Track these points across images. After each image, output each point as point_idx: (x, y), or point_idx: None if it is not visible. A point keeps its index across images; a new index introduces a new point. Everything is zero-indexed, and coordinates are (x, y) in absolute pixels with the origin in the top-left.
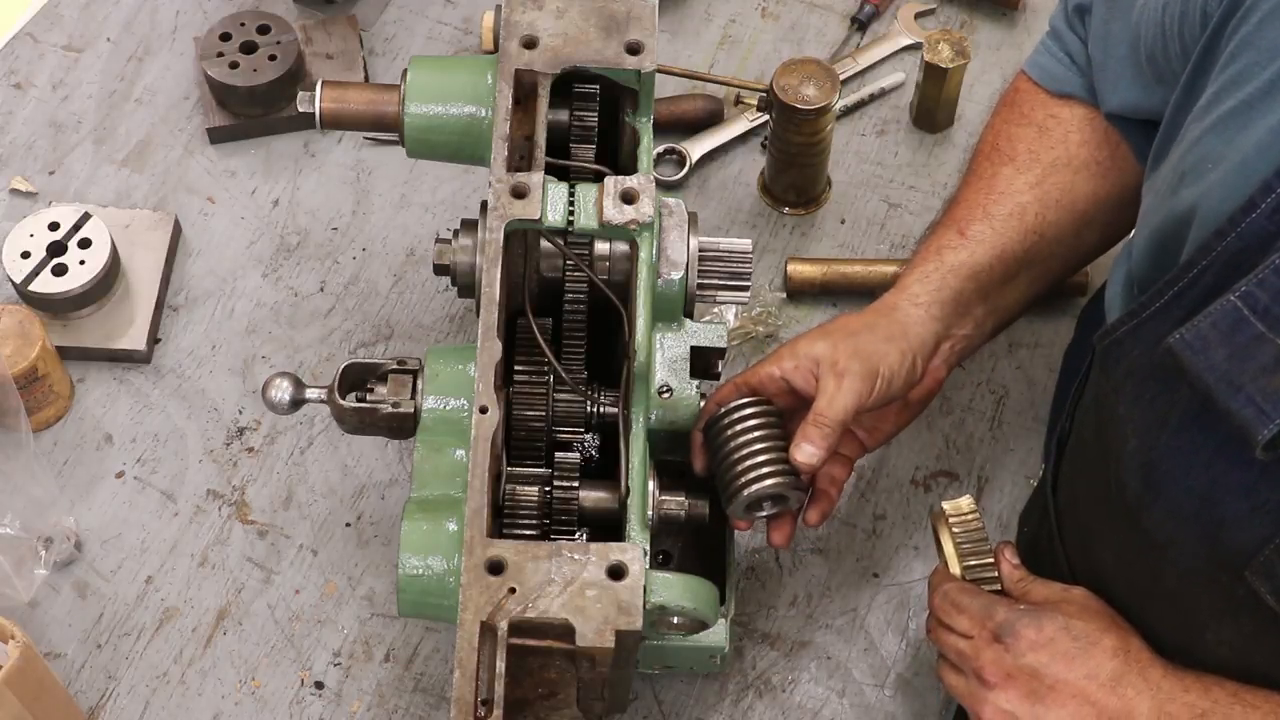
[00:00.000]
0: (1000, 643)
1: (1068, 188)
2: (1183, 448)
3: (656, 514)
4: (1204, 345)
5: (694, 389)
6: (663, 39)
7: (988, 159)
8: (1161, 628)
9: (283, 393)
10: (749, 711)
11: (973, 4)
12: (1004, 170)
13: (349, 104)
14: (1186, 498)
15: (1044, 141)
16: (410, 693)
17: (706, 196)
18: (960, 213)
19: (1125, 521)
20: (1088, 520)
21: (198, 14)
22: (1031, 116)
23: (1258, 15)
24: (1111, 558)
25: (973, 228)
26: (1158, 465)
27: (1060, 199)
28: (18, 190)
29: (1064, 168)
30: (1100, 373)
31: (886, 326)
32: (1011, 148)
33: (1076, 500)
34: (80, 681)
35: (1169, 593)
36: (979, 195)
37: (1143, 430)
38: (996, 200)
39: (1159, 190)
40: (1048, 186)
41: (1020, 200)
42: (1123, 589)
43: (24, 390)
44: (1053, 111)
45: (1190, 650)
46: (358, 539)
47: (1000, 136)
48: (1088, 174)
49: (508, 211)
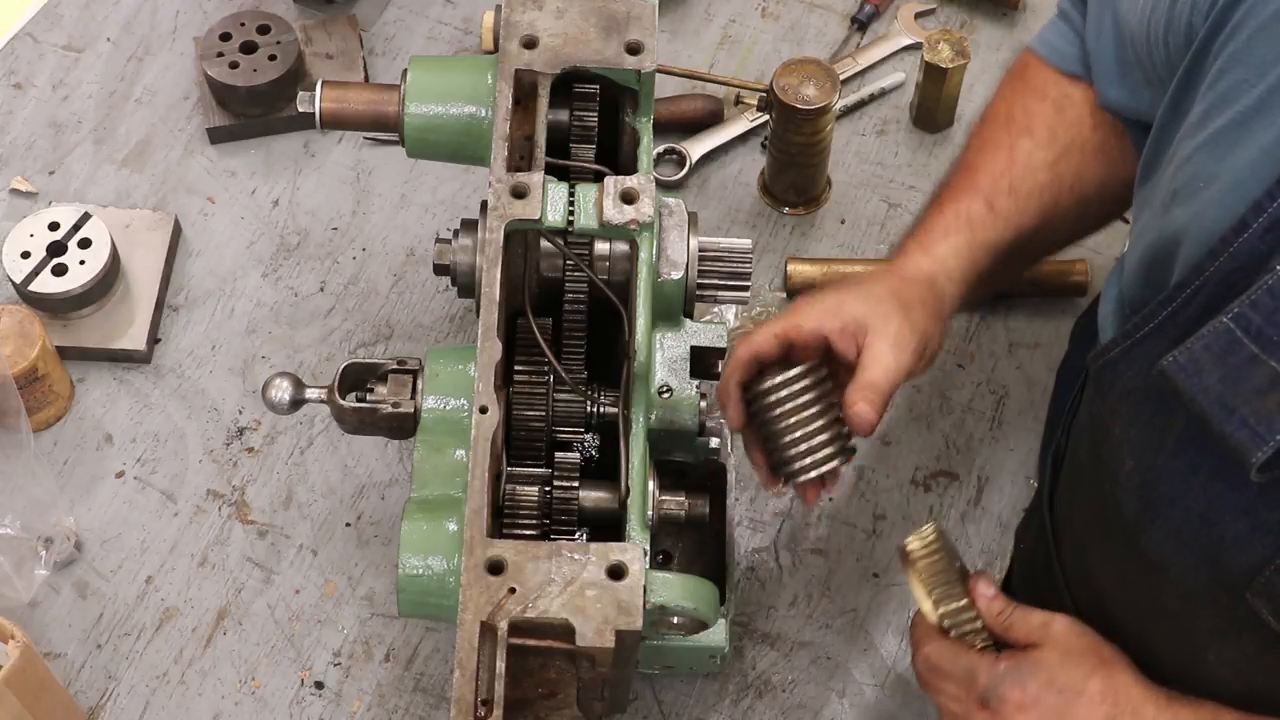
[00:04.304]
0: (987, 708)
1: (1079, 173)
2: (1180, 469)
3: (656, 514)
4: (1197, 368)
5: (694, 389)
6: (663, 39)
7: (1003, 128)
8: (1162, 648)
9: (283, 393)
10: (749, 711)
11: (973, 4)
12: (1023, 142)
13: (349, 104)
14: (1185, 518)
15: (1060, 120)
16: (410, 693)
17: (706, 196)
18: (984, 181)
19: (1123, 541)
20: (1085, 538)
21: (198, 14)
22: (1045, 92)
23: (1246, 31)
24: (1110, 577)
25: (1000, 202)
26: (1155, 486)
27: (1073, 184)
28: (18, 190)
29: (1077, 151)
30: (1095, 393)
31: (933, 302)
32: (1028, 119)
33: (1073, 518)
34: (80, 681)
35: (1169, 613)
36: (1002, 164)
37: (1140, 451)
38: (1020, 175)
39: (1151, 207)
40: (1062, 169)
41: (1039, 179)
42: (1122, 609)
43: (24, 390)
44: (1065, 90)
45: (1191, 671)
46: (358, 539)
47: (1015, 107)
48: (1097, 160)
49: (508, 211)
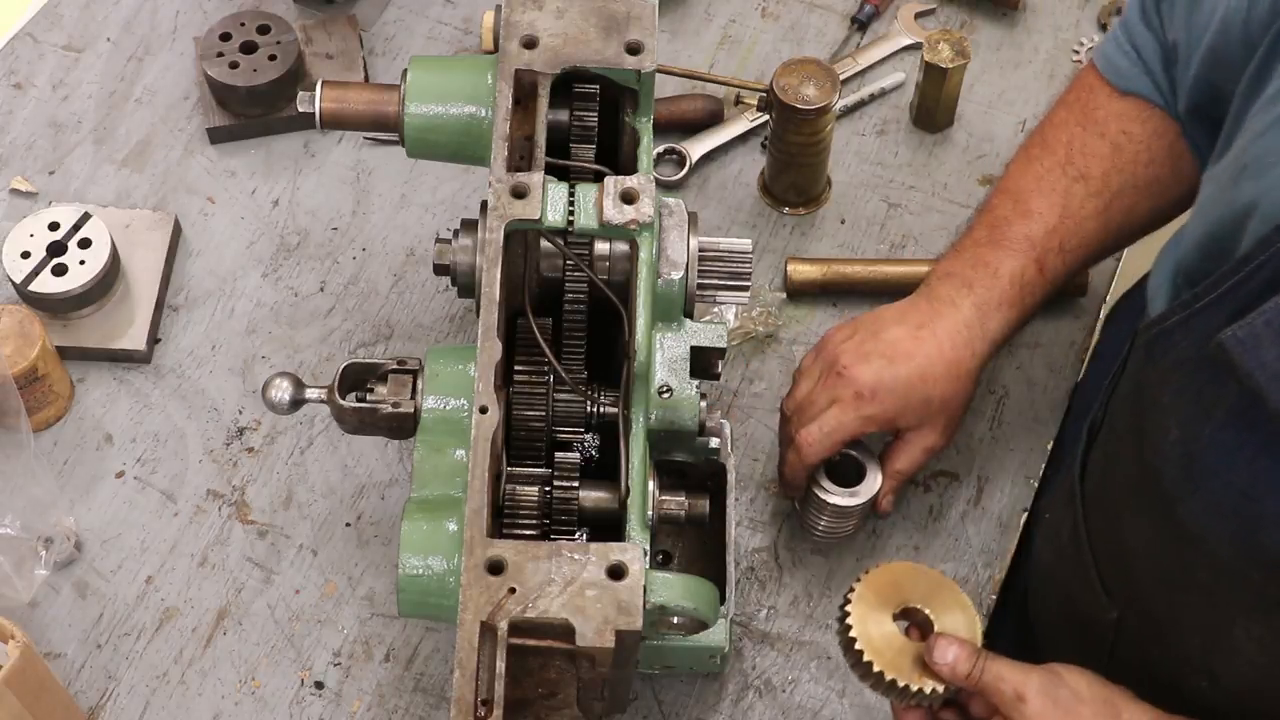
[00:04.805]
0: None
1: (1130, 210)
2: (1227, 442)
3: (656, 514)
4: (1256, 343)
5: (694, 389)
6: (663, 39)
7: (1060, 168)
8: (1189, 620)
9: (283, 393)
10: (749, 711)
11: (973, 4)
12: (1077, 189)
13: (349, 104)
14: (1226, 492)
15: (1116, 162)
16: (410, 693)
17: (706, 196)
18: (1037, 234)
19: (1159, 512)
20: (1118, 508)
21: (198, 14)
22: (1106, 129)
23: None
24: (1141, 547)
25: (1049, 261)
26: (1199, 457)
27: (1122, 224)
28: (18, 190)
29: (1130, 190)
30: (1146, 362)
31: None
32: (1086, 164)
33: (1107, 488)
34: (80, 681)
35: (1200, 585)
36: (1054, 218)
37: (1186, 422)
38: (1071, 230)
39: (1219, 181)
40: (1113, 211)
41: (1087, 230)
42: (1151, 579)
43: (24, 390)
44: (1125, 126)
45: (1217, 643)
46: (358, 539)
47: (1074, 145)
48: (1149, 194)
49: (508, 211)
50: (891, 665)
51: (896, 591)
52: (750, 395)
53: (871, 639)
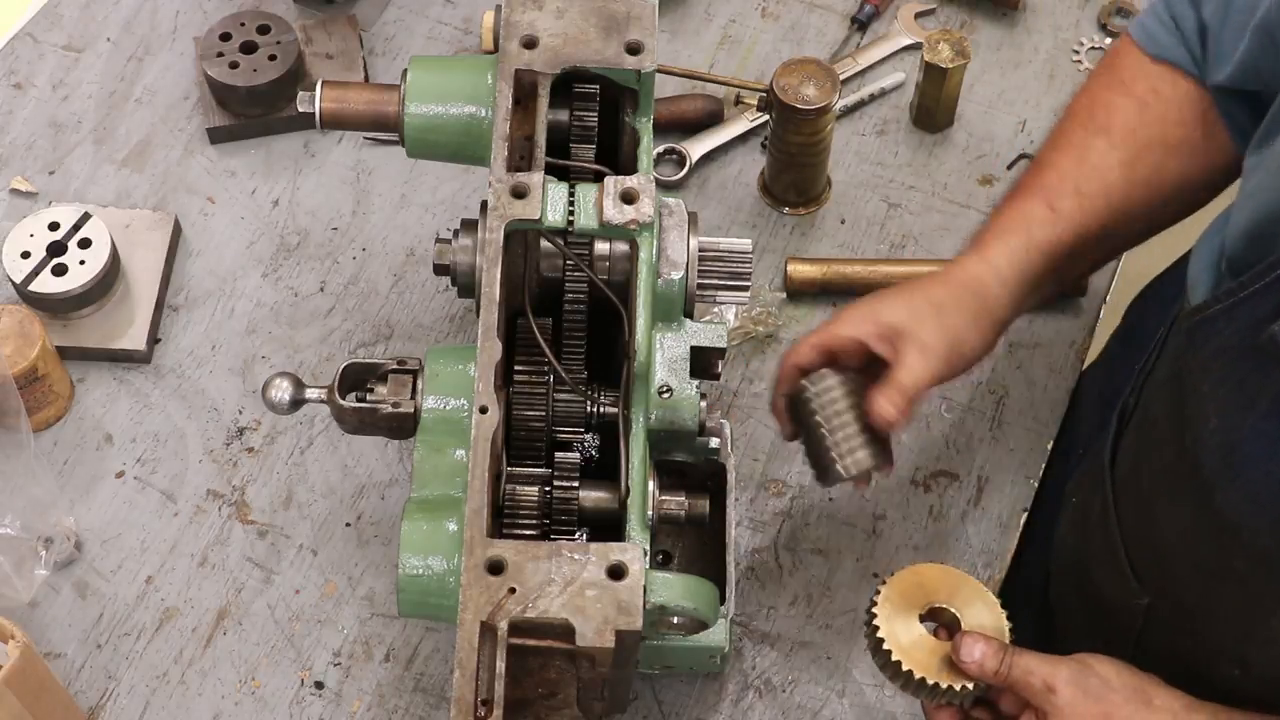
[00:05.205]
0: None
1: (1157, 168)
2: (1269, 432)
3: (656, 514)
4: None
5: (694, 389)
6: (663, 39)
7: (1082, 125)
8: (1223, 609)
9: (283, 393)
10: (749, 711)
11: (973, 4)
12: (1097, 142)
13: (349, 104)
14: (1266, 482)
15: (1142, 118)
16: (410, 693)
17: (706, 196)
18: (1050, 181)
19: (1195, 500)
20: (1152, 495)
21: (198, 14)
22: (1132, 88)
23: None
24: (1176, 534)
25: (1062, 203)
26: (1239, 446)
27: (1149, 179)
28: (18, 190)
29: (1157, 147)
30: (1186, 348)
31: (972, 305)
32: (1108, 118)
33: (1139, 475)
34: (80, 681)
35: (1236, 574)
36: (1070, 165)
37: (1226, 411)
38: (1087, 176)
39: (1268, 169)
40: (1138, 166)
41: (1109, 179)
42: (1186, 567)
43: (24, 390)
44: (1154, 85)
45: (1252, 634)
46: (358, 539)
47: (1097, 103)
48: (1179, 155)
49: (508, 211)
50: (921, 665)
51: (921, 592)
52: (750, 395)
53: (900, 640)
